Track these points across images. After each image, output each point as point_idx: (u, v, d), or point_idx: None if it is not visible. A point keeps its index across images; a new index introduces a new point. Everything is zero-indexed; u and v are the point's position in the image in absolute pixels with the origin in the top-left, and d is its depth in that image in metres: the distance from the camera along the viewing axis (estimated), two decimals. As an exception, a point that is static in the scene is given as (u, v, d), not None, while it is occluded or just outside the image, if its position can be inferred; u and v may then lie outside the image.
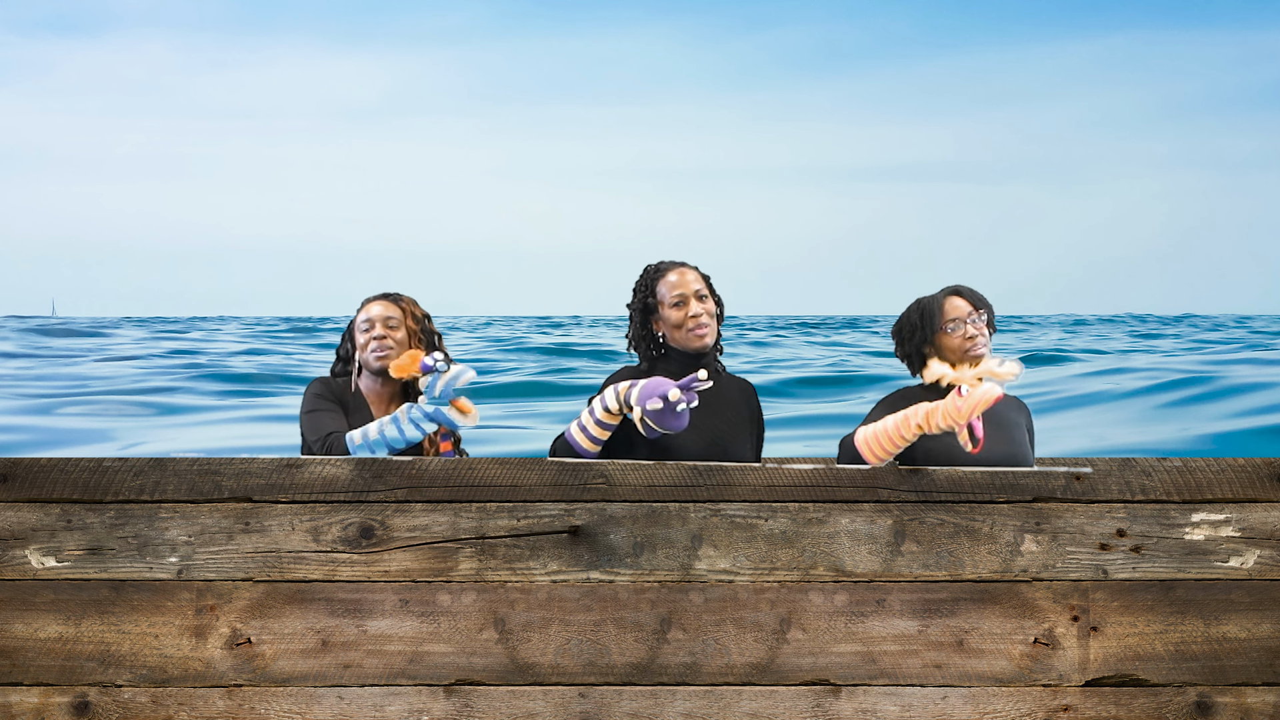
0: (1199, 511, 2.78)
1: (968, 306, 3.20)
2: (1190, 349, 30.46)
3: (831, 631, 2.77)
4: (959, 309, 3.19)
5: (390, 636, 2.77)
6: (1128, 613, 2.77)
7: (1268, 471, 2.79)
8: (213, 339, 43.00)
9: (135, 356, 29.77)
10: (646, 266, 3.30)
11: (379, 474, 2.78)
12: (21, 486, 2.77)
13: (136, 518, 2.77)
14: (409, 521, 2.77)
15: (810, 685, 2.76)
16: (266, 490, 2.77)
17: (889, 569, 2.77)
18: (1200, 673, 2.77)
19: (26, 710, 2.75)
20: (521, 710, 2.75)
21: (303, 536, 2.77)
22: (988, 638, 2.77)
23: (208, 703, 2.75)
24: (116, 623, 2.76)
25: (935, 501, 2.78)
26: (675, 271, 3.24)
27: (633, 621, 2.77)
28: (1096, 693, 2.76)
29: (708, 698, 2.76)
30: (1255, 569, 2.78)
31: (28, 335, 43.77)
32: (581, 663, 2.76)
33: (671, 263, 3.28)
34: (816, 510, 2.78)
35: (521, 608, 2.77)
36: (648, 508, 2.78)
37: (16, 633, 2.76)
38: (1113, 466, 2.79)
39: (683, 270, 3.24)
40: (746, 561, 2.77)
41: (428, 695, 2.76)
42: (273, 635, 2.76)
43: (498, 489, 2.78)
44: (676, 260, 3.28)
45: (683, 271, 3.24)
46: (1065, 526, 2.78)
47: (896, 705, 2.76)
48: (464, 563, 2.77)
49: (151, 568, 2.77)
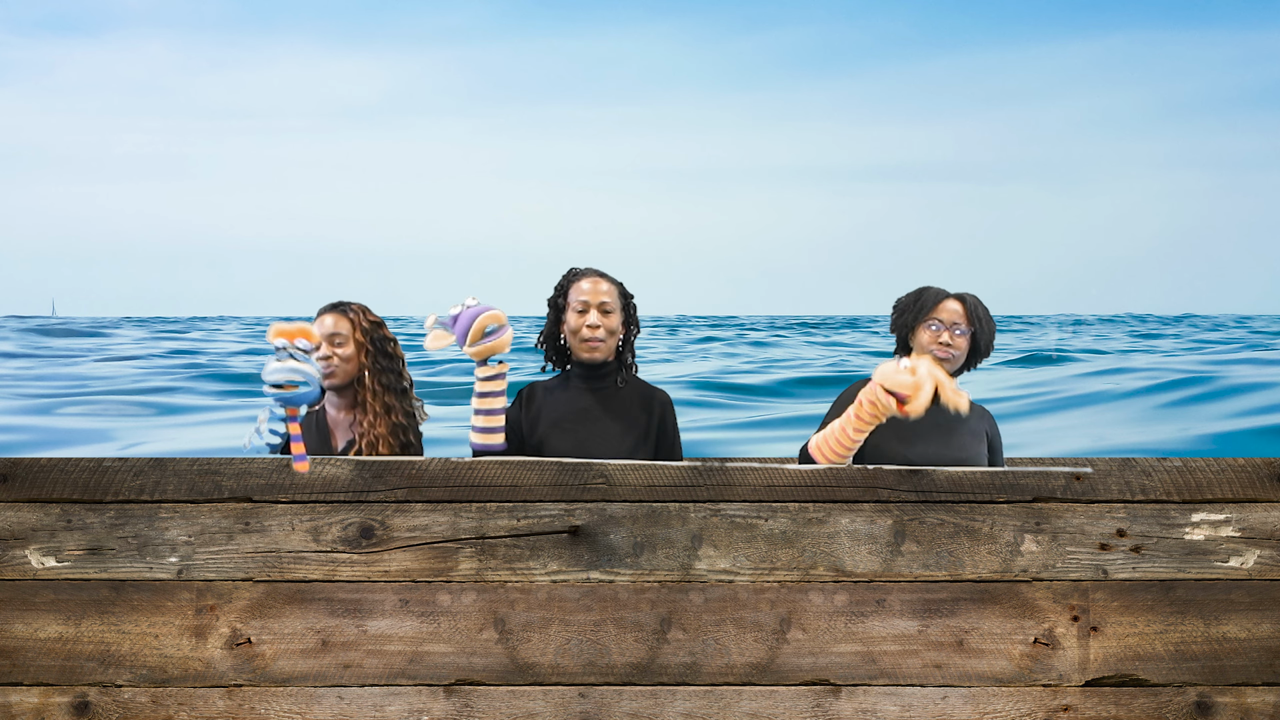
0: (1199, 511, 2.78)
1: (959, 315, 3.18)
2: (1190, 349, 30.46)
3: (831, 631, 2.77)
4: (950, 312, 3.18)
5: (390, 636, 2.77)
6: (1128, 613, 2.77)
7: (1268, 471, 2.79)
8: (213, 339, 42.97)
9: (135, 356, 29.76)
10: (570, 269, 3.30)
11: (379, 474, 2.78)
12: (21, 486, 2.77)
13: (136, 518, 2.77)
14: (409, 521, 2.77)
15: (810, 685, 2.76)
16: (266, 490, 2.77)
17: (889, 569, 2.77)
18: (1200, 673, 2.77)
19: (26, 710, 2.75)
20: (521, 710, 2.75)
21: (303, 536, 2.77)
22: (988, 638, 2.77)
23: (208, 703, 2.75)
24: (116, 623, 2.76)
25: (935, 501, 2.78)
26: (589, 279, 3.24)
27: (633, 621, 2.77)
28: (1096, 693, 2.76)
29: (708, 698, 2.76)
30: (1255, 569, 2.78)
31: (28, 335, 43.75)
32: (581, 663, 2.76)
33: (590, 270, 3.28)
34: (816, 510, 2.78)
35: (521, 608, 2.77)
36: (648, 508, 2.78)
37: (16, 633, 2.76)
38: (1113, 466, 2.79)
39: (597, 280, 3.24)
40: (746, 561, 2.77)
41: (428, 695, 2.76)
42: (273, 635, 2.76)
43: (498, 489, 2.78)
44: (597, 269, 3.28)
45: (596, 281, 3.24)
46: (1065, 526, 2.78)
47: (896, 705, 2.76)
48: (464, 563, 2.77)
49: (151, 568, 2.77)
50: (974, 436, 3.19)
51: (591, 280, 3.23)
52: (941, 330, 3.16)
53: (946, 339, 3.15)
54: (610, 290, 3.23)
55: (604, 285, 3.23)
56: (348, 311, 3.34)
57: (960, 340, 3.16)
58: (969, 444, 3.16)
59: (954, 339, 3.15)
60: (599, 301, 3.20)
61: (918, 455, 3.09)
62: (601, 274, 3.26)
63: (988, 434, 3.23)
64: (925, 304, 3.20)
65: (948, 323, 3.16)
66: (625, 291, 3.28)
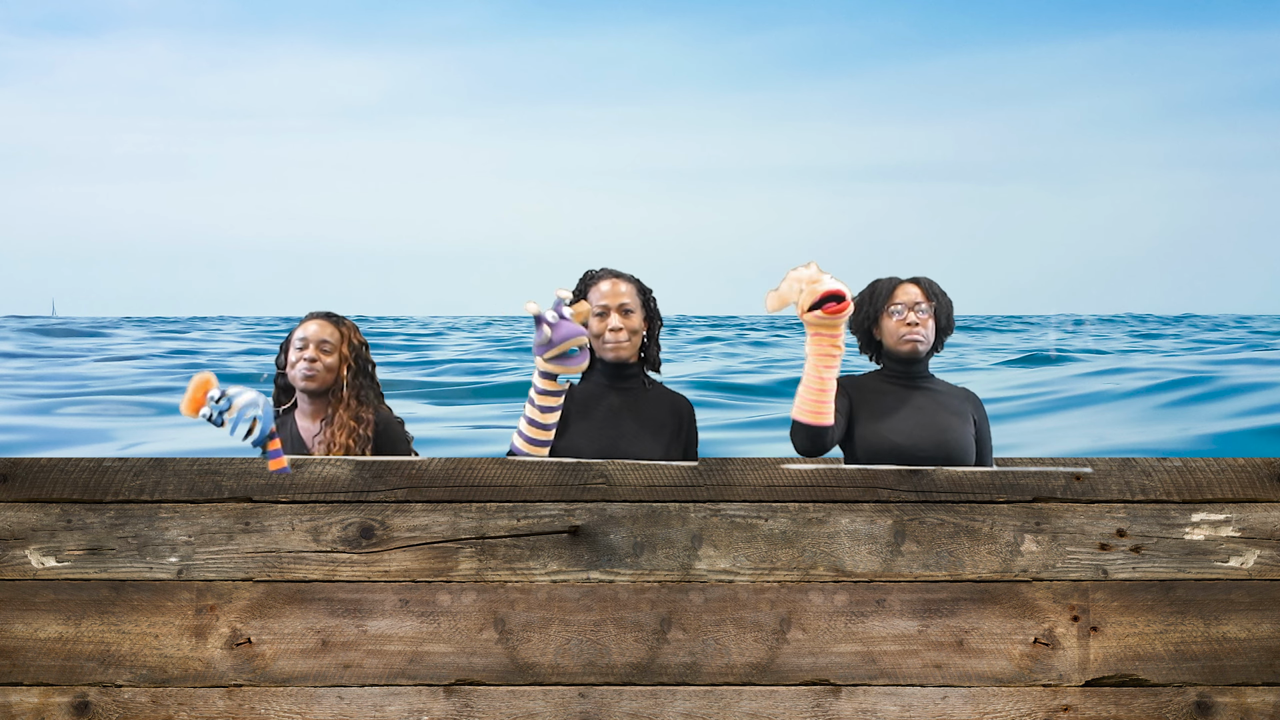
0: (1199, 511, 2.78)
1: (918, 295, 3.21)
2: (1190, 349, 30.46)
3: (831, 631, 2.77)
4: (909, 294, 3.21)
5: (390, 636, 2.76)
6: (1128, 613, 2.77)
7: (1268, 471, 2.79)
8: (213, 339, 42.99)
9: (135, 356, 29.76)
10: (587, 270, 3.30)
11: (379, 474, 2.78)
12: (21, 486, 2.77)
13: (136, 518, 2.77)
14: (409, 521, 2.77)
15: (810, 685, 2.76)
16: (266, 490, 2.77)
17: (889, 569, 2.77)
18: (1200, 673, 2.77)
19: (26, 710, 2.75)
20: (521, 710, 2.75)
21: (303, 536, 2.77)
22: (988, 638, 2.77)
23: (208, 703, 2.75)
24: (116, 623, 2.76)
25: (935, 501, 2.78)
26: (608, 281, 3.23)
27: (633, 621, 2.77)
28: (1096, 693, 2.76)
29: (708, 698, 2.76)
30: (1255, 569, 2.78)
31: (28, 335, 43.76)
32: (581, 663, 2.76)
33: (608, 271, 3.27)
34: (816, 510, 2.78)
35: (521, 608, 2.77)
36: (648, 508, 2.78)
37: (16, 633, 2.76)
38: (1113, 466, 2.79)
39: (616, 281, 3.23)
40: (746, 561, 2.77)
41: (428, 695, 2.76)
42: (273, 635, 2.76)
43: (498, 489, 2.78)
44: (615, 270, 3.27)
45: (615, 282, 3.22)
46: (1065, 526, 2.78)
47: (896, 705, 2.76)
48: (464, 563, 2.77)
49: (151, 568, 2.77)
50: (959, 417, 3.19)
51: (610, 282, 3.23)
52: (905, 312, 3.19)
53: (913, 319, 3.18)
54: (629, 290, 3.23)
55: (622, 286, 3.22)
56: (340, 324, 3.36)
57: (926, 319, 3.20)
58: (954, 424, 3.16)
59: (920, 318, 3.19)
60: (619, 304, 3.20)
61: (903, 437, 3.09)
62: (618, 274, 3.26)
63: (974, 418, 3.24)
64: (881, 293, 3.23)
65: (910, 304, 3.19)
66: (644, 287, 3.28)
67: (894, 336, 3.20)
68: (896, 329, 3.19)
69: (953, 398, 3.22)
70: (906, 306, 3.19)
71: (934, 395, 3.20)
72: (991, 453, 3.24)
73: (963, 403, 3.23)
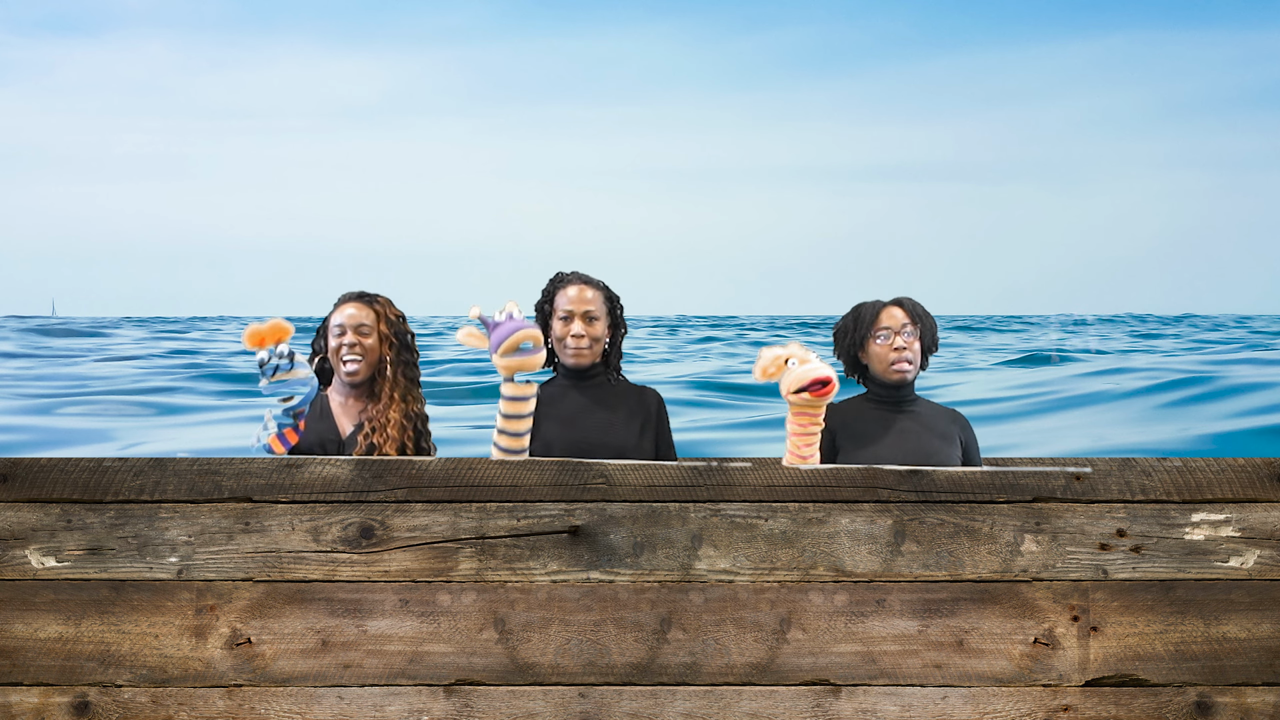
0: (1199, 511, 2.78)
1: (903, 318, 3.20)
2: (1190, 349, 30.46)
3: (831, 631, 2.77)
4: (894, 319, 3.20)
5: (390, 636, 2.77)
6: (1128, 613, 2.77)
7: (1268, 471, 2.79)
8: (213, 339, 42.97)
9: (135, 356, 29.76)
10: (557, 273, 3.31)
11: (379, 474, 2.78)
12: (21, 486, 2.77)
13: (136, 518, 2.77)
14: (409, 521, 2.77)
15: (810, 685, 2.76)
16: (266, 490, 2.77)
17: (889, 569, 2.77)
18: (1200, 673, 2.77)
19: (26, 710, 2.75)
20: (521, 710, 2.75)
21: (303, 536, 2.77)
22: (988, 638, 2.77)
23: (208, 703, 2.75)
24: (116, 623, 2.76)
25: (935, 501, 2.78)
26: (575, 286, 3.25)
27: (633, 621, 2.77)
28: (1096, 693, 2.76)
29: (708, 698, 2.76)
30: (1255, 569, 2.78)
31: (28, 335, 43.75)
32: (581, 663, 2.76)
33: (577, 275, 3.28)
34: (816, 510, 2.78)
35: (521, 608, 2.77)
36: (648, 508, 2.78)
37: (16, 633, 2.76)
38: (1113, 466, 2.79)
39: (583, 287, 3.24)
40: (746, 561, 2.77)
41: (428, 695, 2.76)
42: (273, 635, 2.76)
43: (498, 489, 2.78)
44: (585, 275, 3.28)
45: (582, 289, 3.24)
46: (1065, 526, 2.78)
47: (896, 705, 2.76)
48: (464, 563, 2.77)
49: (151, 568, 2.77)
50: (944, 439, 3.19)
51: (577, 288, 3.24)
52: (892, 337, 3.19)
53: (900, 344, 3.18)
54: (595, 297, 3.24)
55: (589, 293, 3.24)
56: (374, 303, 3.35)
57: (913, 342, 3.20)
58: (939, 447, 3.16)
59: (907, 342, 3.18)
60: (583, 310, 3.22)
61: (888, 463, 3.09)
62: (586, 280, 3.27)
63: (960, 439, 3.23)
64: (865, 319, 3.22)
65: (896, 328, 3.19)
66: (611, 295, 3.29)
67: (883, 364, 3.20)
68: (885, 355, 3.19)
69: (938, 419, 3.22)
70: (893, 331, 3.19)
71: (919, 418, 3.20)
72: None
73: (949, 424, 3.23)
